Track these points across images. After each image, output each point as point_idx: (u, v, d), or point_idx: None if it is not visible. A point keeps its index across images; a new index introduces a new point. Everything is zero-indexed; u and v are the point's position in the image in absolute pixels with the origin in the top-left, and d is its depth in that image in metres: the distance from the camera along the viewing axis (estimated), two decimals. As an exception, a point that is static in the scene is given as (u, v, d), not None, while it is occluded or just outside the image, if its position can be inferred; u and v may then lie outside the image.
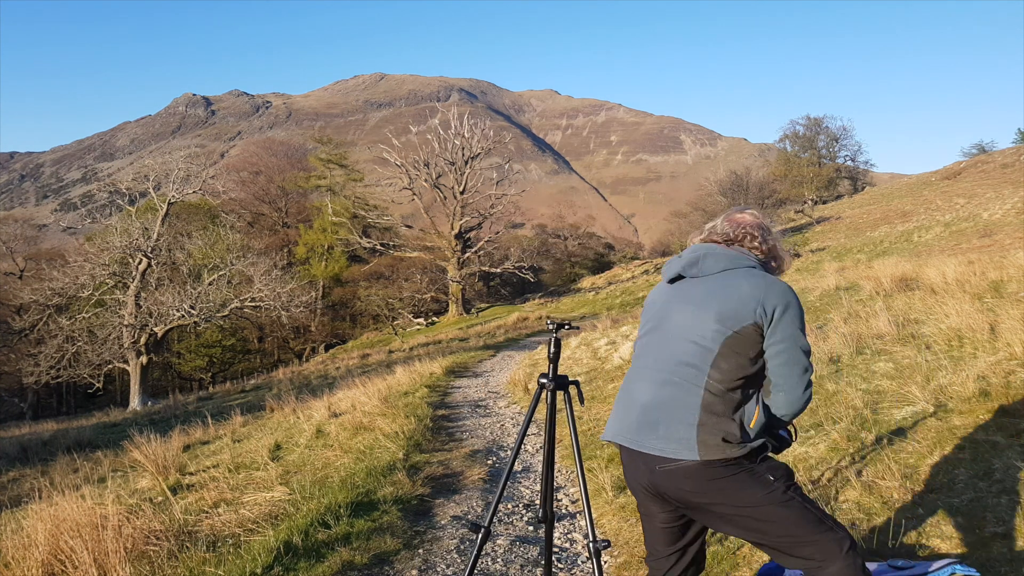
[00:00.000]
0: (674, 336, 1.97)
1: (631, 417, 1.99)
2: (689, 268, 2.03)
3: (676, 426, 1.87)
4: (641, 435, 1.94)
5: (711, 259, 2.01)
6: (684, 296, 2.01)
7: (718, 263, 2.00)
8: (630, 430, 1.98)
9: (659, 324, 2.05)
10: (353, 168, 49.08)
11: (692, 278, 2.03)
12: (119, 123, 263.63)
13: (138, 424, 12.66)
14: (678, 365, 1.92)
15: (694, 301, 1.97)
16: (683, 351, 1.92)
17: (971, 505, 2.84)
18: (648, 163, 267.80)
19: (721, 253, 2.02)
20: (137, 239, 21.50)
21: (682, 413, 1.88)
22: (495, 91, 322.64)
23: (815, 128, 55.66)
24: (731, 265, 1.99)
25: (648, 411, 1.94)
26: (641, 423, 1.95)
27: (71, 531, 3.53)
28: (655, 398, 1.94)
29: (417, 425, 6.64)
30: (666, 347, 1.98)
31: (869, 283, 9.33)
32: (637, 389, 2.01)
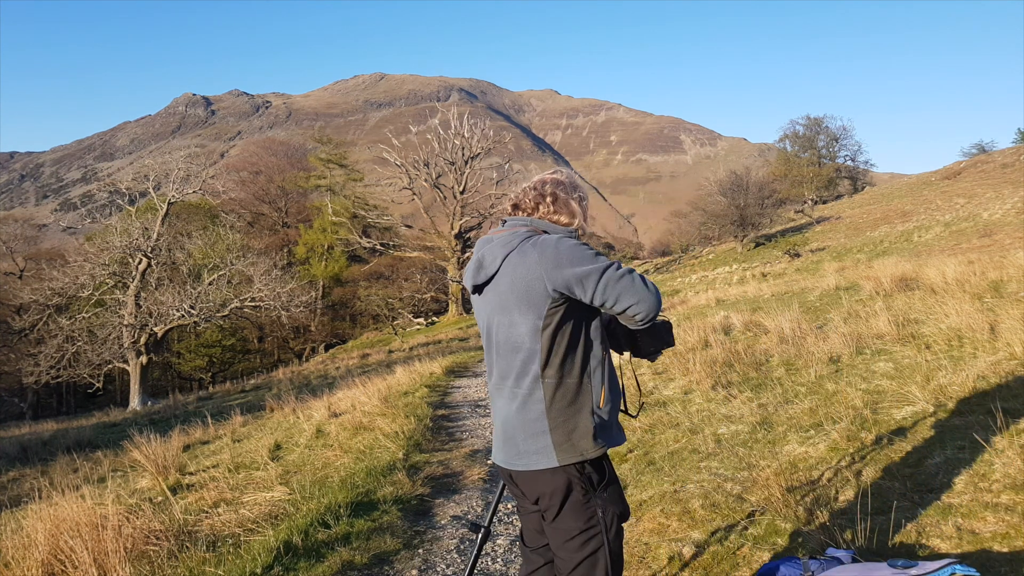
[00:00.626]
0: (501, 348, 1.90)
1: (497, 437, 1.97)
2: (477, 275, 1.92)
3: (531, 441, 1.83)
4: (508, 455, 1.91)
5: (488, 255, 1.90)
6: (491, 302, 1.91)
7: (495, 254, 1.87)
8: (499, 449, 1.96)
9: (487, 340, 1.98)
10: (353, 168, 49.12)
11: (486, 283, 1.92)
12: (119, 123, 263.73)
13: (138, 424, 12.65)
14: (516, 378, 1.86)
15: (499, 306, 1.88)
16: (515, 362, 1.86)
17: (971, 505, 2.84)
18: (648, 163, 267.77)
19: (496, 242, 1.89)
20: (137, 239, 21.49)
21: (533, 426, 1.83)
22: (495, 91, 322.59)
23: (815, 128, 55.70)
24: (506, 250, 1.85)
25: (507, 430, 1.91)
26: (505, 442, 1.92)
27: (71, 531, 3.53)
28: (508, 415, 1.89)
29: (417, 425, 6.64)
30: (500, 361, 1.92)
31: (869, 283, 9.34)
32: (496, 409, 1.98)
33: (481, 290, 1.94)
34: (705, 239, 43.84)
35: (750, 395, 5.23)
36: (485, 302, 1.94)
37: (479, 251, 1.95)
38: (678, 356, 7.23)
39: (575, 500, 1.84)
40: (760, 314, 8.71)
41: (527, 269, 1.79)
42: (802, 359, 5.87)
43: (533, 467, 1.83)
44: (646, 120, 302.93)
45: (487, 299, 1.93)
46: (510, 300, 1.84)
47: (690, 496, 3.63)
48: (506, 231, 1.92)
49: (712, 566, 2.89)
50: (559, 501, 1.84)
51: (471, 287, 1.96)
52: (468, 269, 1.96)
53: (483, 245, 1.94)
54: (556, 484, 1.83)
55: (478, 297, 1.98)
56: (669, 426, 5.08)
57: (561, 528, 1.86)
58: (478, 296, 1.97)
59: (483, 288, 1.93)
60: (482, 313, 1.98)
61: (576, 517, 1.84)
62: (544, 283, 1.77)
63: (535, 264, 1.78)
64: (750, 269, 28.11)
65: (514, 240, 1.86)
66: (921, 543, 2.69)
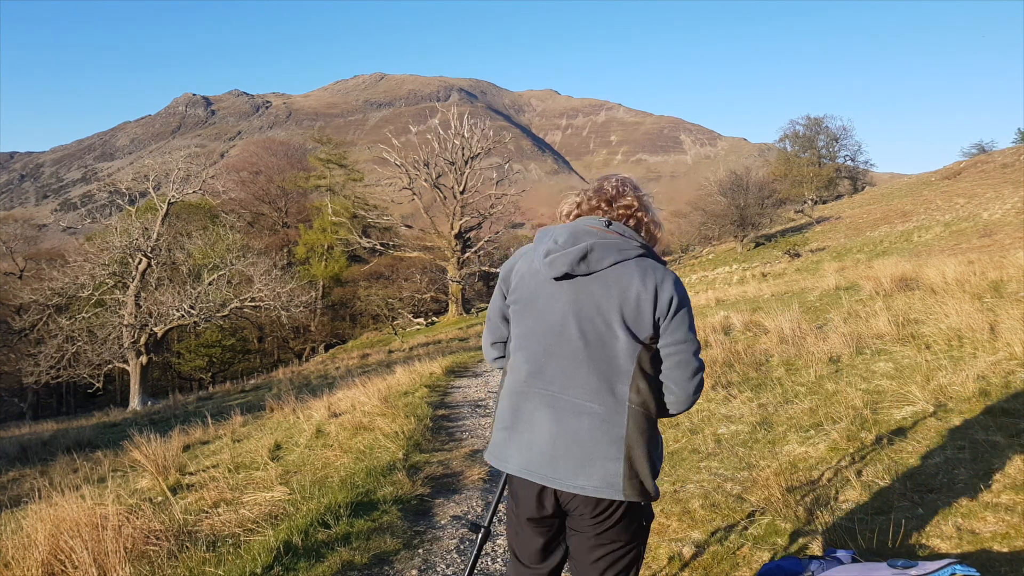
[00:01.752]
0: (581, 356, 1.71)
1: (537, 449, 1.74)
2: (578, 264, 1.72)
3: (601, 464, 1.68)
4: (559, 473, 1.71)
5: (598, 251, 1.72)
6: (577, 299, 1.74)
7: (608, 254, 1.72)
8: (540, 465, 1.73)
9: (558, 338, 1.74)
10: (353, 168, 49.11)
11: (583, 276, 1.74)
12: (119, 123, 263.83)
13: (138, 424, 12.65)
14: (594, 392, 1.70)
15: (595, 309, 1.72)
16: (598, 374, 1.70)
17: (971, 505, 2.84)
18: (648, 163, 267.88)
19: (609, 243, 1.74)
20: (137, 239, 21.49)
21: (606, 450, 1.68)
22: (495, 91, 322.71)
23: (815, 128, 55.70)
24: (621, 257, 1.73)
25: (562, 446, 1.71)
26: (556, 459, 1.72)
27: (71, 531, 3.53)
28: (570, 430, 1.70)
29: (417, 425, 6.64)
30: (575, 369, 1.72)
31: (869, 283, 9.34)
32: (540, 418, 1.75)
33: (569, 278, 1.75)
34: (705, 239, 43.84)
35: (750, 395, 5.23)
36: (566, 295, 1.75)
37: (578, 239, 1.74)
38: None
39: (629, 517, 1.75)
40: (760, 314, 8.71)
41: (644, 287, 1.70)
42: (802, 359, 5.87)
43: (592, 495, 1.69)
44: (646, 120, 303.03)
45: (570, 292, 1.74)
46: (612, 310, 1.70)
47: (690, 496, 3.63)
48: (614, 234, 1.76)
49: (712, 566, 2.90)
50: (613, 523, 1.73)
51: (562, 272, 1.73)
52: (566, 254, 1.73)
53: (585, 236, 1.75)
54: (613, 509, 1.73)
55: (552, 285, 1.76)
56: (669, 426, 5.08)
57: (604, 542, 1.76)
58: (553, 283, 1.76)
59: (571, 277, 1.75)
60: (554, 306, 1.76)
61: (626, 531, 1.76)
62: (655, 309, 1.70)
63: (654, 287, 1.71)
64: (750, 269, 28.11)
65: (629, 250, 1.74)
66: (921, 543, 2.69)
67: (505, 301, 1.92)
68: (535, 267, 1.81)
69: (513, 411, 1.81)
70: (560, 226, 1.84)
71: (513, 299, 1.86)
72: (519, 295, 1.83)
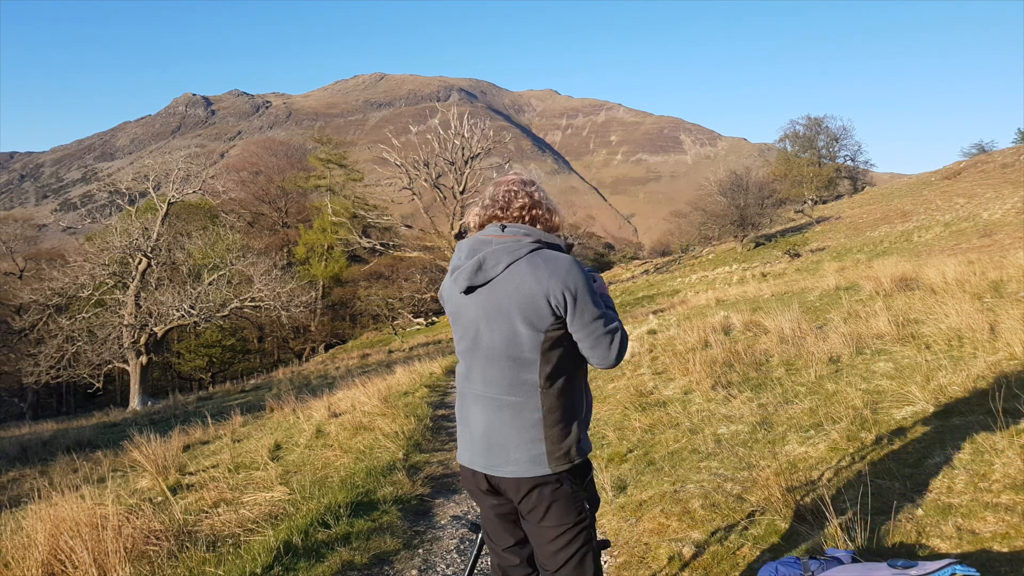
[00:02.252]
0: (493, 355, 1.87)
1: (476, 443, 1.94)
2: (475, 276, 1.87)
3: (524, 448, 1.84)
4: (491, 460, 1.90)
5: (491, 258, 1.86)
6: (484, 306, 1.88)
7: (499, 259, 1.85)
8: (478, 455, 1.93)
9: (474, 343, 1.92)
10: (353, 168, 49.10)
11: (482, 286, 1.88)
12: (119, 123, 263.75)
13: (138, 424, 12.65)
14: (508, 386, 1.85)
15: (497, 312, 1.85)
16: (508, 369, 1.85)
17: (971, 505, 2.84)
18: (648, 163, 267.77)
19: (499, 247, 1.86)
20: (137, 239, 21.49)
21: (527, 434, 1.84)
22: (495, 91, 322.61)
23: (815, 128, 55.70)
24: (512, 257, 1.84)
25: (491, 436, 1.89)
26: (489, 449, 1.90)
27: (71, 531, 3.53)
28: (494, 422, 1.88)
29: (417, 425, 6.64)
30: (489, 368, 1.88)
31: (869, 283, 9.34)
32: (473, 414, 1.94)
33: (473, 291, 1.90)
34: (705, 239, 43.82)
35: (750, 395, 5.23)
36: (475, 304, 1.90)
37: (478, 252, 1.89)
38: (678, 356, 7.23)
39: (565, 496, 1.87)
40: (760, 314, 8.71)
41: (536, 282, 1.80)
42: (802, 359, 5.87)
43: (524, 475, 1.85)
44: (646, 120, 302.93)
45: (477, 301, 1.89)
46: (512, 309, 1.82)
47: (690, 496, 3.62)
48: (507, 236, 1.89)
49: (712, 566, 2.90)
50: (548, 502, 1.87)
51: (464, 287, 1.89)
52: (463, 269, 1.89)
53: (481, 246, 1.90)
54: (545, 486, 1.86)
55: (465, 298, 1.92)
56: (669, 426, 5.08)
57: (549, 526, 1.88)
58: (465, 297, 1.92)
59: (476, 289, 1.89)
60: (468, 315, 1.92)
61: (566, 513, 1.88)
62: (550, 301, 1.80)
63: (545, 280, 1.80)
64: (750, 269, 28.11)
65: (520, 249, 1.85)
66: (921, 543, 2.69)
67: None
68: (448, 283, 1.99)
69: (459, 411, 2.04)
70: (464, 240, 2.01)
71: (447, 313, 2.05)
72: (449, 309, 2.02)
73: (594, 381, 8.03)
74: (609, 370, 8.01)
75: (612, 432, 5.34)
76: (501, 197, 1.99)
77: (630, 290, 31.94)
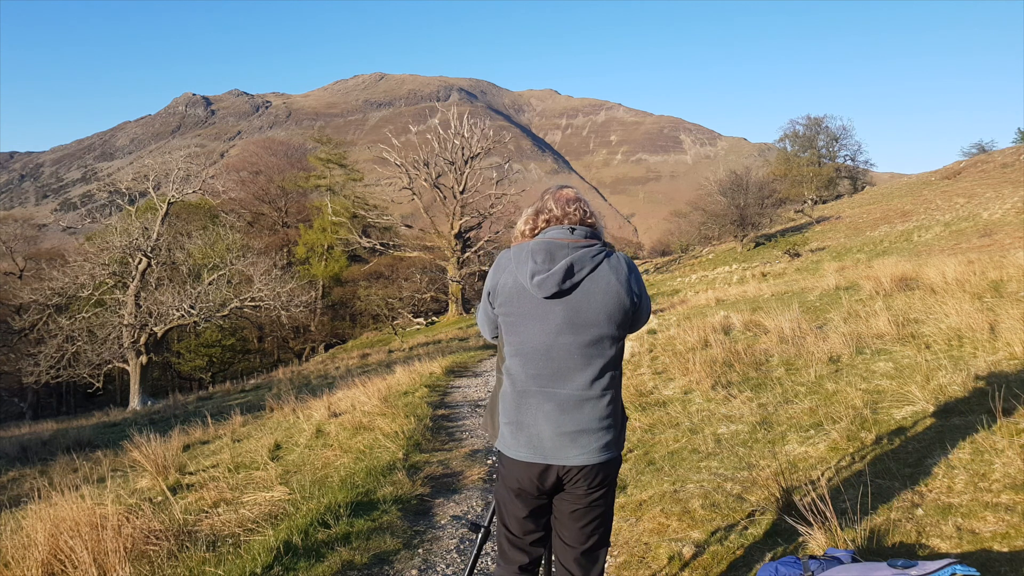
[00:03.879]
0: (574, 353, 1.97)
1: (547, 439, 1.99)
2: (566, 280, 1.96)
3: (597, 435, 1.99)
4: (563, 451, 1.98)
5: (579, 262, 1.98)
6: (569, 308, 1.97)
7: (585, 263, 1.98)
8: (552, 450, 1.99)
9: (552, 343, 1.98)
10: (353, 168, 49.08)
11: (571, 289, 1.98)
12: (119, 123, 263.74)
13: (138, 424, 12.65)
14: (590, 382, 1.98)
15: (584, 312, 1.97)
16: (589, 367, 1.97)
17: (971, 505, 2.84)
18: (648, 163, 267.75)
19: (581, 255, 1.99)
20: (137, 239, 21.48)
21: (603, 423, 1.99)
22: (495, 91, 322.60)
23: (815, 128, 55.69)
24: (593, 264, 2.00)
25: (567, 429, 1.98)
26: (561, 440, 1.98)
27: (71, 531, 3.53)
28: (573, 418, 1.97)
29: (417, 425, 6.64)
30: (568, 365, 1.97)
31: (869, 283, 9.34)
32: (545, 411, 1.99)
33: (559, 295, 1.97)
34: (705, 239, 43.82)
35: (750, 395, 5.23)
36: (560, 307, 1.97)
37: (560, 255, 1.97)
38: (678, 356, 7.23)
39: (612, 480, 2.08)
40: (760, 314, 8.71)
41: (620, 283, 1.99)
42: (802, 359, 5.87)
43: (601, 460, 1.99)
44: (646, 120, 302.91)
45: (563, 304, 1.97)
46: (600, 310, 1.97)
47: (690, 496, 3.62)
48: (580, 240, 2.03)
49: (712, 566, 2.89)
50: (611, 481, 2.06)
51: (553, 292, 1.95)
52: (552, 274, 1.95)
53: (561, 250, 1.98)
54: (610, 470, 2.04)
55: (545, 301, 1.98)
56: (669, 426, 5.08)
57: (603, 504, 2.07)
58: (545, 300, 1.98)
59: (562, 295, 1.98)
60: (551, 315, 1.98)
61: (609, 493, 2.08)
62: (629, 298, 2.01)
63: (625, 280, 2.01)
64: (750, 269, 28.10)
65: (597, 255, 2.01)
66: (921, 543, 2.69)
67: (494, 310, 2.13)
68: (521, 284, 2.02)
69: (517, 408, 2.05)
70: (533, 243, 2.05)
71: (503, 312, 2.07)
72: (510, 310, 2.04)
73: (594, 381, 8.03)
74: None
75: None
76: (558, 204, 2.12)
77: (630, 290, 31.87)
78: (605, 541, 2.15)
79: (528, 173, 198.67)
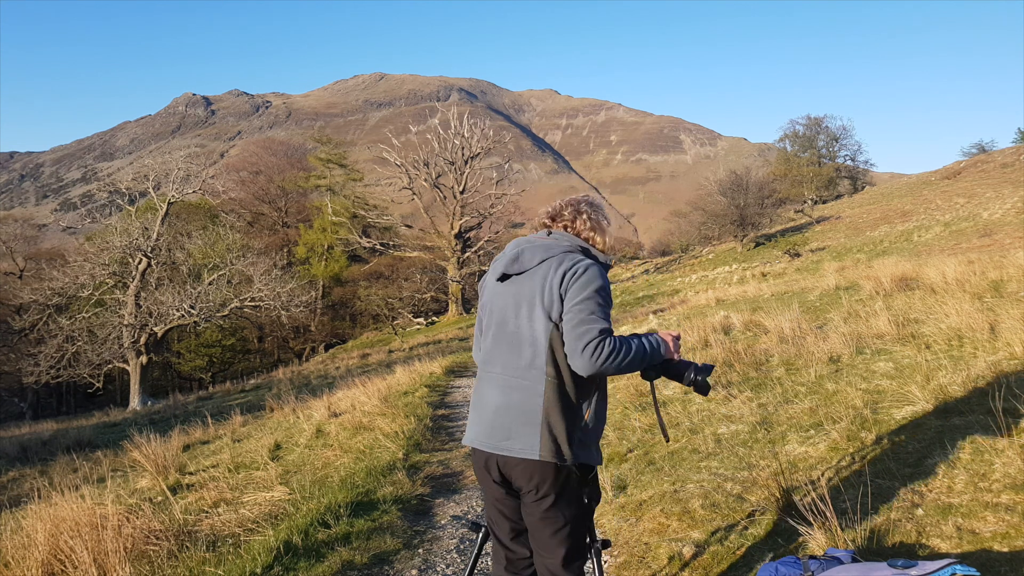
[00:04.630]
0: (514, 340, 2.03)
1: (484, 423, 2.06)
2: (511, 265, 2.08)
3: (524, 429, 1.96)
4: (494, 439, 2.02)
5: (528, 253, 2.07)
6: (513, 295, 2.07)
7: (535, 255, 2.06)
8: (484, 435, 2.05)
9: (500, 328, 2.08)
10: (353, 168, 49.09)
11: (516, 275, 2.08)
12: (119, 123, 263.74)
13: (138, 424, 12.65)
14: (522, 369, 1.99)
15: (523, 299, 2.03)
16: (524, 354, 2.00)
17: (971, 505, 2.84)
18: (648, 163, 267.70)
19: (539, 245, 2.09)
20: (137, 239, 21.49)
21: (528, 416, 1.96)
22: (495, 91, 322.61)
23: (815, 128, 55.67)
24: (547, 255, 2.05)
25: (499, 416, 2.02)
26: (494, 428, 2.03)
27: (71, 531, 3.52)
28: (504, 403, 2.01)
29: (417, 425, 6.64)
30: (510, 352, 2.03)
31: (869, 283, 9.34)
32: (489, 395, 2.07)
33: (507, 279, 2.10)
34: (705, 239, 43.81)
35: (750, 395, 5.23)
36: (506, 291, 2.09)
37: (517, 247, 2.11)
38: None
39: (565, 487, 1.99)
40: (760, 314, 8.71)
41: (559, 277, 1.99)
42: (802, 359, 5.87)
43: (518, 454, 1.97)
44: (646, 120, 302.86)
45: (509, 289, 2.08)
46: (536, 298, 2.01)
47: (690, 496, 3.62)
48: (549, 240, 2.11)
49: (712, 566, 2.89)
50: (548, 490, 1.98)
51: (500, 273, 2.09)
52: (501, 259, 2.12)
53: (522, 244, 2.12)
54: (545, 473, 1.96)
55: (499, 284, 2.12)
56: (669, 426, 5.08)
57: (549, 516, 2.00)
58: (499, 284, 2.12)
59: (509, 278, 2.09)
60: (498, 300, 2.11)
61: (567, 506, 2.01)
62: (559, 287, 1.98)
63: (563, 273, 1.99)
64: (750, 269, 28.10)
65: (555, 249, 2.06)
66: (921, 543, 2.69)
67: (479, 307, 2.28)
68: (488, 274, 2.21)
69: (475, 394, 2.17)
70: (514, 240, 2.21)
71: (480, 304, 2.24)
72: (482, 299, 2.22)
73: (594, 381, 8.04)
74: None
75: (612, 432, 5.35)
76: (555, 208, 2.23)
77: (630, 290, 31.93)
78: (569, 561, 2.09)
79: (528, 173, 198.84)
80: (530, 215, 23.97)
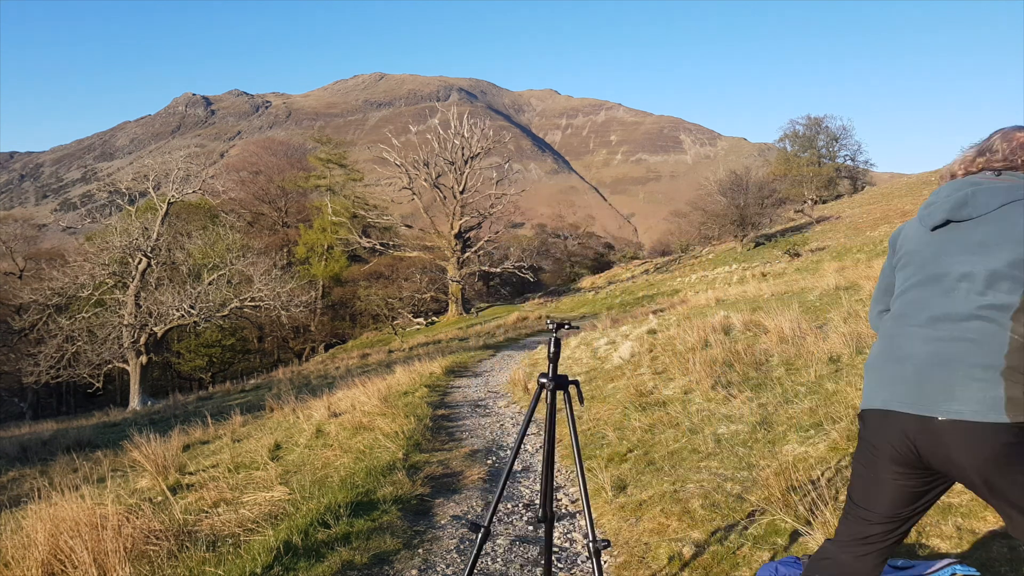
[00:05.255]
0: (958, 292, 1.71)
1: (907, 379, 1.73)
2: (960, 210, 1.76)
3: (975, 384, 1.61)
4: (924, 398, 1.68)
5: (983, 195, 1.75)
6: (958, 243, 1.75)
7: (992, 198, 1.74)
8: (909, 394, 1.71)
9: (933, 278, 1.77)
10: (353, 168, 49.10)
11: (963, 221, 1.77)
12: (119, 123, 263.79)
13: (138, 424, 12.65)
14: (966, 320, 1.67)
15: (974, 249, 1.72)
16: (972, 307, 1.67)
17: (971, 505, 2.84)
18: (648, 163, 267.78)
19: (994, 187, 1.76)
20: (137, 239, 21.49)
21: (982, 371, 1.61)
22: (495, 91, 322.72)
23: (815, 128, 55.65)
24: (1009, 197, 1.72)
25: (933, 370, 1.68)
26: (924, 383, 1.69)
27: (71, 531, 3.52)
28: (941, 356, 1.68)
29: (417, 425, 6.64)
30: (947, 304, 1.72)
31: (869, 283, 9.34)
32: (912, 348, 1.74)
33: (945, 225, 1.80)
34: (705, 239, 43.82)
35: (750, 395, 5.23)
36: (948, 239, 1.78)
37: (963, 189, 1.79)
38: (678, 356, 7.23)
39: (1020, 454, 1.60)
40: (760, 314, 8.71)
41: None
42: (802, 359, 5.87)
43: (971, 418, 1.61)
44: (646, 120, 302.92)
45: (953, 237, 1.77)
46: (1002, 244, 1.67)
47: (690, 496, 3.63)
48: (1003, 181, 1.78)
49: (712, 566, 2.89)
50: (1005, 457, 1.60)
51: (941, 219, 1.79)
52: (941, 203, 1.80)
53: (970, 187, 1.79)
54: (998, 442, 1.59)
55: (932, 234, 1.82)
56: (669, 426, 5.08)
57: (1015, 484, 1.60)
58: (932, 233, 1.82)
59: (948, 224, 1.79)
60: (934, 250, 1.80)
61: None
62: None
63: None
64: (750, 269, 28.10)
65: (1017, 191, 1.72)
66: (921, 543, 2.69)
67: (892, 265, 1.99)
68: (916, 223, 1.89)
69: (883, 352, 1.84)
70: (946, 183, 1.88)
71: (898, 257, 1.94)
72: (903, 251, 1.92)
73: (593, 381, 8.04)
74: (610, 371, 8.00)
75: (612, 432, 5.34)
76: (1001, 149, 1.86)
77: (630, 290, 31.93)
78: None
79: (528, 173, 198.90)
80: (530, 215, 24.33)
